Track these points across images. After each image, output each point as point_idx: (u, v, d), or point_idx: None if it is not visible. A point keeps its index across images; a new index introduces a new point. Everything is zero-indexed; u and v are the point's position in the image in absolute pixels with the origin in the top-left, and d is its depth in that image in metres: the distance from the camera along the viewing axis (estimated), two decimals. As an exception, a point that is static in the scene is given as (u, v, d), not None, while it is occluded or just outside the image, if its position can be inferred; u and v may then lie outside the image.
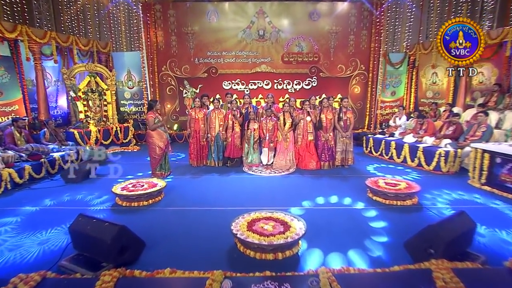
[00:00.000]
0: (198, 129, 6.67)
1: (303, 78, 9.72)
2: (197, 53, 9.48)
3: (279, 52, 9.50)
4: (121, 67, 9.59)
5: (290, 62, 9.57)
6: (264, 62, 9.56)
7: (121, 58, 9.53)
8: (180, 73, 9.63)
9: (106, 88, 8.49)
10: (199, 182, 5.69)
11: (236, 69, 9.60)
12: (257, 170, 6.43)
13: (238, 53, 9.48)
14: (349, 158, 6.62)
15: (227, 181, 5.71)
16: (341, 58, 9.55)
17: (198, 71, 9.59)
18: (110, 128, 8.35)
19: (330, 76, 9.64)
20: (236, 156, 6.74)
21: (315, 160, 6.51)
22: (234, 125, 6.69)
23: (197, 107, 6.70)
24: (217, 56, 9.51)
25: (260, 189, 5.24)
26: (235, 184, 5.55)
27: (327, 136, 6.46)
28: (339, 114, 6.53)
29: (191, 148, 6.75)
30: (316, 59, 9.57)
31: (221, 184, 5.55)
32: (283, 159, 6.54)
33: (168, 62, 9.55)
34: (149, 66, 9.34)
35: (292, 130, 6.58)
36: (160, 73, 9.61)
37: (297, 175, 6.08)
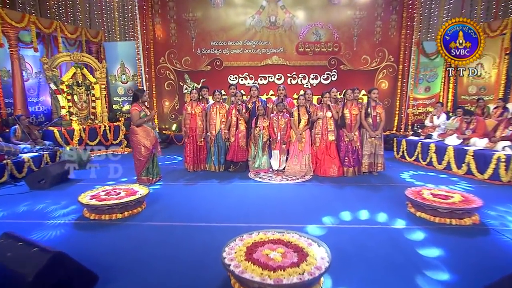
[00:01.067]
0: (194, 126, 5.92)
1: (321, 71, 8.93)
2: (200, 43, 8.87)
3: (293, 41, 8.78)
4: (114, 59, 9.04)
5: (306, 53, 8.82)
6: (276, 53, 8.86)
7: (114, 49, 8.98)
8: (180, 66, 9.01)
9: (94, 81, 7.87)
10: (193, 190, 4.90)
11: (244, 61, 8.94)
12: (265, 177, 5.61)
13: (246, 43, 8.81)
14: (378, 163, 5.72)
15: (227, 190, 4.91)
16: (365, 48, 8.74)
17: (200, 63, 8.95)
18: (98, 127, 7.69)
19: (353, 69, 8.84)
20: (241, 159, 5.96)
21: (337, 165, 5.66)
22: (238, 122, 5.91)
23: (194, 100, 5.94)
24: (222, 47, 8.86)
25: (269, 200, 4.41)
26: (237, 193, 4.73)
27: (352, 136, 5.60)
28: (366, 109, 5.67)
29: (186, 150, 5.99)
30: (336, 49, 8.78)
31: (220, 193, 4.75)
32: (297, 164, 5.73)
33: (166, 54, 8.96)
34: (144, 58, 8.72)
35: (308, 129, 5.80)
36: (158, 66, 9.02)
37: (315, 183, 5.25)
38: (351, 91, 5.70)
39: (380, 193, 4.71)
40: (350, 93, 5.68)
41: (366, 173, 5.73)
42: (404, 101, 8.72)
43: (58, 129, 6.83)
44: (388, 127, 8.87)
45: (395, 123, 8.90)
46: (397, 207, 4.03)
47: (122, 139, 8.00)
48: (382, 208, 3.99)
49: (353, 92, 5.70)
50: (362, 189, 4.89)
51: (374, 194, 4.64)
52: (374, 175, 5.70)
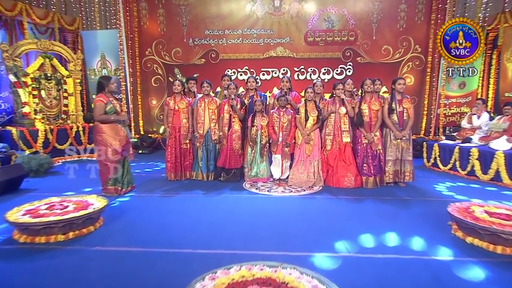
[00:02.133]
0: (178, 125, 5.29)
1: (334, 64, 8.33)
2: (192, 32, 8.35)
3: (301, 29, 8.22)
4: (93, 51, 8.55)
5: (316, 43, 8.24)
6: (281, 43, 8.30)
7: (93, 39, 8.49)
8: (170, 59, 8.50)
9: (67, 74, 7.28)
10: (170, 203, 4.20)
11: (244, 53, 8.40)
12: (264, 188, 4.91)
13: (246, 31, 8.28)
14: (406, 171, 4.97)
15: (214, 204, 4.19)
16: (387, 37, 8.10)
17: (193, 55, 8.43)
18: (69, 127, 7.06)
19: (372, 62, 8.22)
20: (234, 166, 5.28)
21: (353, 173, 4.93)
22: (232, 120, 5.25)
23: (178, 93, 5.29)
24: (218, 36, 8.33)
25: (265, 217, 3.67)
26: (226, 208, 4.01)
27: (372, 137, 4.87)
28: (390, 104, 4.92)
29: (168, 154, 5.32)
30: (352, 38, 8.18)
31: (204, 207, 4.03)
32: (304, 172, 5.03)
33: (153, 44, 8.45)
34: (128, 49, 8.25)
35: (318, 128, 5.11)
36: (143, 59, 8.52)
37: (326, 196, 4.53)
38: (371, 82, 4.97)
39: (410, 209, 3.94)
40: (369, 83, 4.95)
41: (390, 184, 5.00)
42: (434, 100, 8.01)
43: (19, 129, 6.20)
44: (415, 130, 8.13)
45: (423, 126, 8.18)
46: (437, 229, 3.25)
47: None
48: (416, 230, 3.22)
49: (373, 83, 4.97)
50: (387, 204, 4.12)
51: (403, 211, 3.86)
52: (400, 187, 4.96)
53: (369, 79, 5.00)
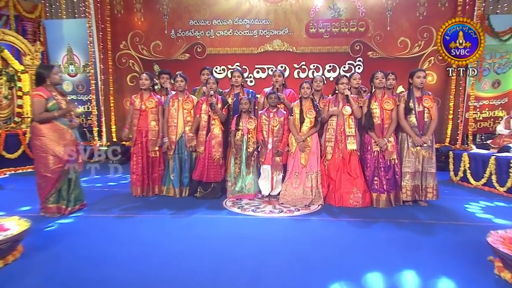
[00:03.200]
0: (145, 129, 4.81)
1: (341, 60, 7.90)
2: (174, 22, 7.98)
3: (301, 19, 7.83)
4: (58, 43, 8.19)
5: (320, 36, 7.83)
6: (278, 35, 7.90)
7: (58, 29, 8.14)
8: (148, 53, 8.10)
9: (22, 69, 6.85)
10: (123, 227, 3.66)
11: (235, 47, 8.00)
12: (249, 207, 4.38)
13: (238, 22, 7.90)
14: (428, 187, 4.42)
15: (181, 228, 3.65)
16: (404, 27, 7.66)
17: (175, 50, 8.05)
18: (21, 133, 6.58)
19: (386, 57, 7.77)
20: (214, 179, 4.76)
21: (361, 189, 4.40)
22: (211, 122, 4.73)
23: (145, 90, 4.82)
24: (204, 27, 7.95)
25: (242, 247, 3.13)
26: (195, 234, 3.46)
27: (384, 144, 4.33)
28: (406, 102, 4.38)
29: (133, 164, 4.81)
30: (362, 29, 7.76)
31: (167, 233, 3.49)
32: (298, 186, 4.51)
33: (129, 36, 8.05)
34: (99, 42, 7.85)
35: (316, 133, 4.61)
36: (117, 53, 8.11)
37: (324, 218, 3.97)
38: (382, 75, 4.44)
39: (435, 237, 3.36)
40: (380, 77, 4.42)
41: (408, 203, 4.45)
42: (461, 102, 7.52)
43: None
44: (438, 137, 7.57)
45: (449, 133, 7.64)
46: (473, 266, 2.67)
47: None
48: (443, 268, 2.64)
49: (385, 77, 4.44)
50: (403, 230, 3.55)
51: (425, 240, 3.28)
52: (421, 207, 4.40)
53: (381, 71, 4.47)
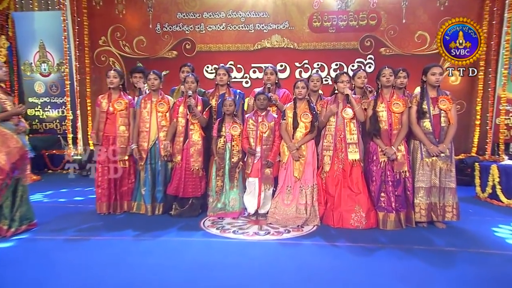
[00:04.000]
0: (113, 134, 4.61)
1: (349, 58, 7.66)
2: (160, 16, 7.84)
3: (304, 12, 7.63)
4: (29, 39, 8.09)
5: (325, 30, 7.62)
6: (278, 30, 7.72)
7: (29, 23, 8.02)
8: (131, 50, 7.94)
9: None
10: (72, 253, 3.37)
11: (228, 43, 7.82)
12: (230, 227, 4.09)
13: (231, 14, 7.73)
14: (447, 205, 4.12)
15: (142, 254, 3.35)
16: (422, 19, 7.36)
17: (161, 47, 7.90)
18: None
19: (401, 54, 7.48)
20: (192, 194, 4.52)
21: (364, 206, 4.10)
22: (189, 127, 4.49)
23: (114, 89, 4.66)
24: (194, 21, 7.79)
25: (216, 279, 2.81)
26: (159, 262, 3.16)
27: (393, 153, 4.02)
28: (419, 103, 4.10)
29: (98, 176, 4.59)
30: (373, 22, 7.52)
31: (123, 260, 3.19)
32: (291, 203, 4.25)
33: (109, 31, 7.92)
34: (75, 37, 7.74)
35: (312, 140, 4.36)
36: (96, 50, 7.98)
37: (318, 242, 3.67)
38: (391, 71, 4.14)
39: (455, 269, 3.02)
40: (388, 73, 4.12)
41: (422, 225, 4.14)
42: (490, 105, 7.18)
43: None
44: (464, 147, 7.37)
45: (475, 141, 7.35)
46: None
47: None
48: None
49: (393, 74, 4.14)
50: (416, 259, 3.21)
51: (443, 273, 2.93)
52: (439, 229, 4.07)
53: (388, 67, 4.17)
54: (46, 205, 5.03)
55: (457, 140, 7.26)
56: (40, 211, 4.28)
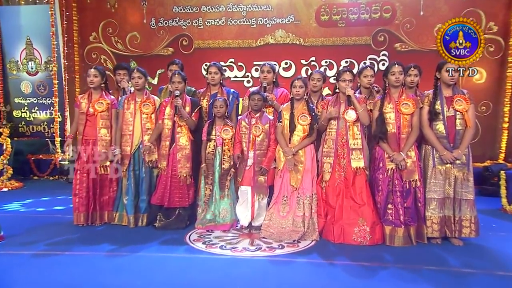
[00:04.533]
0: (93, 138, 4.51)
1: (361, 54, 7.52)
2: (155, 10, 7.81)
3: (311, 4, 7.53)
4: (16, 35, 8.15)
5: (334, 24, 7.49)
6: (282, 24, 7.62)
7: (15, 18, 8.08)
8: (124, 47, 7.93)
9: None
10: (40, 270, 3.25)
11: (228, 39, 7.76)
12: (218, 242, 3.94)
13: (232, 8, 7.66)
14: (464, 219, 3.88)
15: (116, 272, 3.22)
16: (442, 11, 7.20)
17: (156, 43, 7.88)
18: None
19: (418, 49, 7.33)
20: (179, 204, 4.40)
21: (369, 220, 3.90)
22: (176, 130, 4.37)
23: (95, 89, 4.58)
24: (191, 15, 7.75)
25: None
26: (130, 281, 3.04)
27: (401, 160, 3.84)
28: (432, 104, 3.93)
29: (75, 184, 4.50)
30: (387, 15, 7.37)
31: (95, 280, 3.07)
32: (287, 215, 4.09)
33: (100, 26, 7.92)
34: (64, 33, 7.76)
35: (312, 144, 4.21)
36: (87, 47, 7.99)
37: (315, 260, 3.49)
38: (401, 69, 3.95)
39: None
40: (398, 72, 3.92)
41: (435, 241, 3.92)
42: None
43: None
44: (489, 153, 7.23)
45: (503, 146, 7.15)
46: None
47: (5, 166, 6.71)
48: None
49: (403, 72, 3.96)
50: (426, 282, 3.03)
51: None
52: (455, 247, 3.85)
53: (398, 64, 3.98)
54: (22, 215, 4.96)
55: (482, 145, 7.17)
56: (13, 223, 4.25)
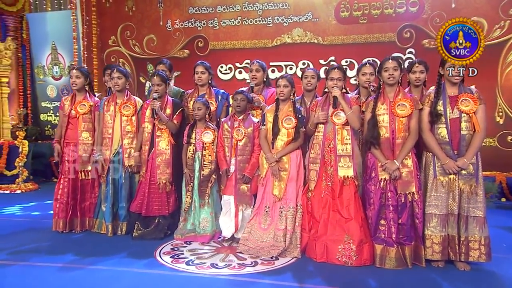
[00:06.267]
0: (74, 141, 4.33)
1: (384, 52, 6.46)
2: (171, 12, 7.69)
3: (329, 1, 7.09)
4: (42, 40, 8.21)
5: (355, 21, 7.01)
6: (300, 23, 7.22)
7: (42, 24, 8.16)
8: (141, 50, 7.86)
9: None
10: None
11: (244, 39, 7.47)
12: (189, 256, 3.57)
13: (248, 7, 7.37)
14: (472, 240, 3.27)
15: None
16: (477, 2, 6.53)
17: (172, 45, 7.73)
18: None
19: None
20: (159, 212, 4.10)
21: (356, 236, 3.38)
22: (155, 134, 4.09)
23: (78, 91, 4.39)
24: (207, 16, 7.54)
25: None
26: None
27: (395, 169, 3.32)
28: (433, 104, 3.35)
29: (57, 189, 4.32)
30: (413, 9, 6.76)
31: None
32: (269, 227, 3.68)
33: (119, 30, 7.91)
34: (84, 37, 7.77)
35: (298, 149, 3.76)
36: (106, 50, 8.01)
37: (285, 284, 3.04)
38: (395, 65, 3.41)
39: None
40: (391, 68, 3.38)
41: (437, 264, 3.33)
42: None
43: None
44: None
45: None
46: None
47: (21, 169, 6.73)
48: None
49: (398, 68, 3.43)
50: None
51: None
52: (460, 272, 3.25)
53: (393, 58, 3.44)
54: (13, 220, 4.90)
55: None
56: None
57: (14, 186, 6.70)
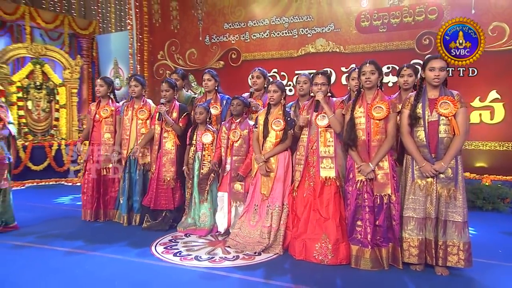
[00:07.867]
0: (97, 141, 4.39)
1: (404, 59, 6.04)
2: (209, 28, 7.57)
3: (351, 11, 6.57)
4: (107, 57, 8.52)
5: (375, 30, 6.43)
6: (323, 33, 6.77)
7: (107, 43, 8.49)
8: (184, 63, 7.81)
9: (59, 83, 7.23)
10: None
11: (272, 50, 7.16)
12: (181, 247, 3.47)
13: (275, 21, 7.06)
14: (451, 244, 2.85)
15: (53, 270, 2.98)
16: (498, 7, 5.70)
17: (209, 58, 7.61)
18: (48, 145, 6.87)
19: None
20: (165, 207, 4.03)
21: (332, 235, 3.08)
22: (163, 136, 4.03)
23: (103, 97, 4.45)
24: (239, 30, 7.34)
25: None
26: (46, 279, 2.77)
27: (369, 171, 2.97)
28: (413, 107, 2.96)
29: (84, 183, 4.42)
30: (432, 17, 6.07)
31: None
32: (256, 224, 3.46)
33: (166, 46, 7.92)
34: (137, 53, 7.89)
35: (287, 151, 3.52)
36: (156, 64, 8.05)
37: (255, 279, 2.82)
38: (372, 68, 3.04)
39: None
40: (368, 72, 3.04)
41: (416, 267, 2.93)
42: None
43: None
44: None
45: None
46: None
47: (82, 165, 6.99)
48: None
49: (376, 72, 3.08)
50: None
51: None
52: (438, 277, 2.83)
53: (370, 62, 3.08)
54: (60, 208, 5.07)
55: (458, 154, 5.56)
56: (40, 214, 4.51)
57: (76, 179, 6.93)
